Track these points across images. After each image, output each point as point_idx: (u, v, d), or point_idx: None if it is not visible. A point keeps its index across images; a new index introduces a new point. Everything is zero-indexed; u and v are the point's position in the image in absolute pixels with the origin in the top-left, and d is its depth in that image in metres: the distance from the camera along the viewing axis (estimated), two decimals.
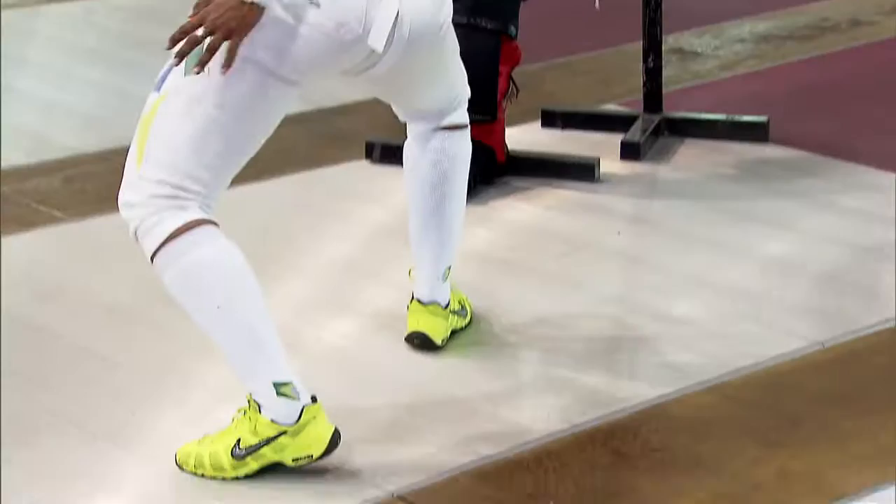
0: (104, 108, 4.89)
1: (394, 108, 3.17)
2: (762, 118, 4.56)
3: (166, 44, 2.61)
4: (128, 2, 6.10)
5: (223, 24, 2.56)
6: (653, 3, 4.47)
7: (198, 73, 2.59)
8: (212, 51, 2.57)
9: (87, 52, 5.48)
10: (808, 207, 4.07)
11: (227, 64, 2.59)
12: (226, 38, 2.57)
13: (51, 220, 4.01)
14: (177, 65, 2.62)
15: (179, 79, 2.66)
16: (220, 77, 2.62)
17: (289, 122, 2.83)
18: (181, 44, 2.59)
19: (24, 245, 3.85)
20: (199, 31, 2.57)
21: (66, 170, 4.37)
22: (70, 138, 4.64)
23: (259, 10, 2.58)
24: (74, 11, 5.98)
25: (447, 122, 3.15)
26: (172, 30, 2.66)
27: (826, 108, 4.86)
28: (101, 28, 5.80)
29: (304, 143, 4.51)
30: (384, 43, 2.72)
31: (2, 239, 3.82)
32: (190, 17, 2.60)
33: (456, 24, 2.96)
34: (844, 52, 5.47)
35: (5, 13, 5.79)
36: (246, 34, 2.58)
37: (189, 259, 2.67)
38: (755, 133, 4.53)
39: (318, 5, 2.64)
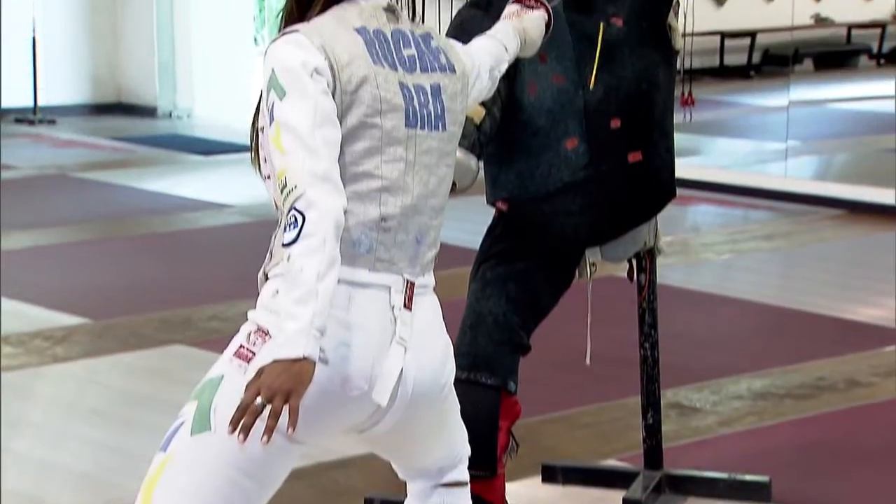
0: (100, 467, 4.86)
1: (393, 466, 3.14)
2: (764, 478, 4.52)
3: (228, 427, 2.54)
4: (131, 359, 6.14)
5: (279, 388, 2.53)
6: (650, 360, 4.51)
7: (244, 440, 2.53)
8: (276, 415, 2.53)
9: (86, 412, 5.48)
10: None
11: (293, 424, 2.54)
12: (286, 402, 2.54)
13: None
14: (243, 441, 2.54)
15: (186, 438, 2.66)
16: (227, 438, 2.59)
17: (287, 477, 2.81)
18: (244, 419, 2.54)
19: None
20: (258, 400, 2.53)
21: None
22: (64, 500, 4.59)
23: (312, 364, 2.57)
24: (75, 371, 6.01)
25: (447, 479, 3.10)
26: (175, 387, 2.66)
27: (827, 470, 4.82)
28: (103, 386, 5.82)
29: (302, 500, 4.46)
30: (388, 398, 2.73)
31: None
32: (245, 393, 2.56)
33: (455, 380, 2.98)
34: (842, 413, 5.47)
35: (6, 375, 5.82)
36: (304, 390, 2.55)
37: None
38: (757, 493, 4.49)
39: (326, 362, 2.67)
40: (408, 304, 2.77)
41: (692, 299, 7.16)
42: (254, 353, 2.68)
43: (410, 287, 2.79)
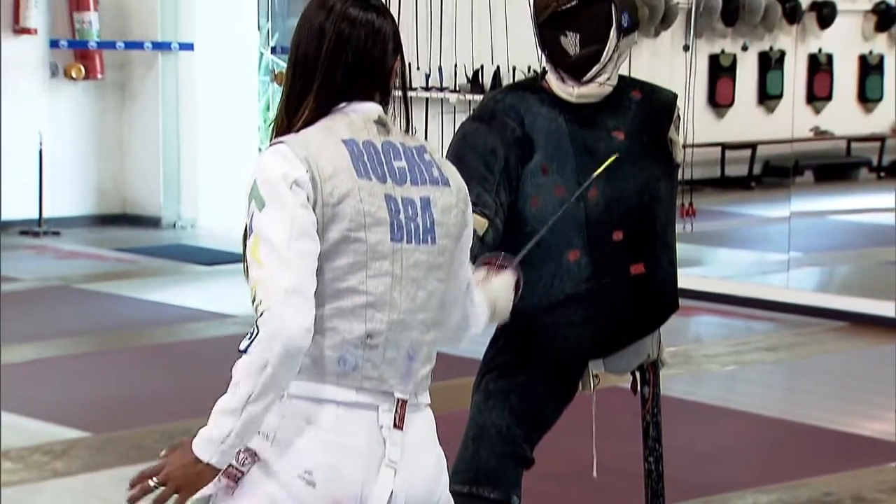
0: None
1: None
2: None
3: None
4: (131, 472, 6.05)
5: (175, 479, 2.62)
6: (654, 474, 4.47)
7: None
8: (160, 502, 2.61)
9: None
10: None
11: None
12: (175, 493, 2.62)
13: None
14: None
15: None
16: None
17: None
18: (135, 489, 2.64)
19: None
20: (153, 481, 2.63)
21: None
22: None
23: (213, 472, 2.63)
24: (75, 486, 5.97)
25: None
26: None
27: None
28: (102, 500, 5.78)
29: None
30: None
31: None
32: (156, 462, 2.67)
33: (456, 494, 2.95)
34: None
35: (5, 490, 5.78)
36: (194, 493, 2.63)
37: None
38: None
39: (313, 485, 2.65)
40: (398, 424, 2.73)
41: (696, 411, 7.12)
42: (242, 473, 2.68)
43: (402, 405, 2.75)
